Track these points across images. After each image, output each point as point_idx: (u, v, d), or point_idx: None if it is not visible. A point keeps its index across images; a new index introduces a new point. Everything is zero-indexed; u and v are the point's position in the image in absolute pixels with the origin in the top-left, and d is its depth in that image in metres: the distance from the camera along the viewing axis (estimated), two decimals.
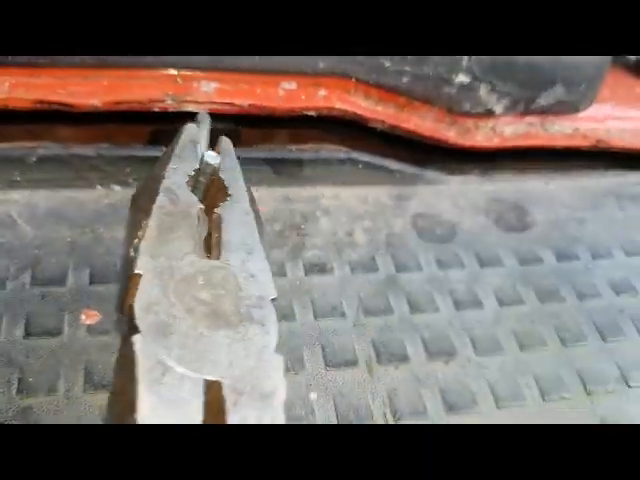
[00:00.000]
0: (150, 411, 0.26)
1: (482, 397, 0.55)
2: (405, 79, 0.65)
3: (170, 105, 0.59)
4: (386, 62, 0.63)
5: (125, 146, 0.62)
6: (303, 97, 0.63)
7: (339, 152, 0.68)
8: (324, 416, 0.51)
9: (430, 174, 0.73)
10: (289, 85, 0.62)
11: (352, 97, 0.65)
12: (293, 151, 0.66)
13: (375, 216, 0.68)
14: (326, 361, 0.54)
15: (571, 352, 0.60)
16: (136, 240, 0.34)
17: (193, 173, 0.40)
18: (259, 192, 0.66)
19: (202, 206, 0.39)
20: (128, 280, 0.32)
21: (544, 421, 0.54)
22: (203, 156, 0.41)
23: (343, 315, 0.58)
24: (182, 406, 0.27)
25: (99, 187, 0.62)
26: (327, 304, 0.58)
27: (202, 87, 0.60)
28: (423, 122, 0.70)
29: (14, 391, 0.48)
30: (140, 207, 0.38)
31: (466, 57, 0.65)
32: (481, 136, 0.73)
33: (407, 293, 0.61)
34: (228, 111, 0.60)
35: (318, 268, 0.61)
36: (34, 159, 0.59)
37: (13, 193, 0.60)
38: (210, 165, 0.40)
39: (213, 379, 0.29)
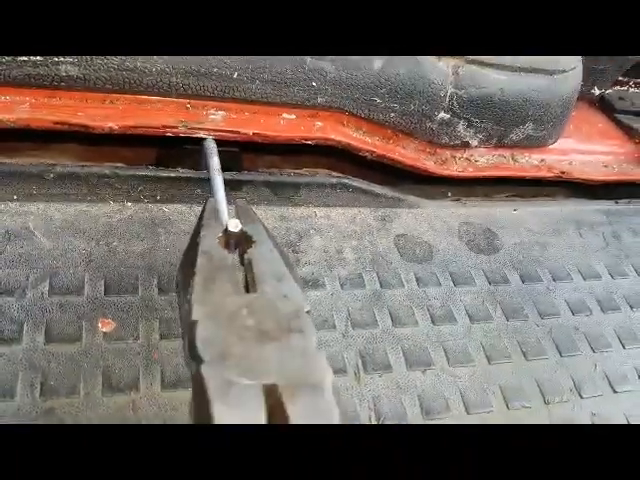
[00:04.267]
0: (222, 416, 0.32)
1: (454, 403, 0.62)
2: (392, 114, 0.72)
3: (181, 131, 0.64)
4: (377, 99, 0.70)
5: (138, 166, 0.67)
6: (302, 127, 0.69)
7: (332, 177, 0.74)
8: None
9: (411, 199, 0.80)
10: (289, 116, 0.68)
11: (345, 129, 0.72)
12: (291, 175, 0.72)
13: (362, 236, 0.74)
14: None
15: (532, 365, 0.68)
16: (188, 296, 0.41)
17: (221, 235, 0.46)
18: (259, 211, 0.72)
19: (235, 256, 0.45)
20: (188, 328, 0.38)
21: None
22: (227, 225, 0.46)
23: (333, 327, 0.64)
24: (247, 408, 0.33)
25: (112, 203, 0.66)
26: (319, 317, 0.64)
27: (210, 115, 0.66)
28: (406, 152, 0.77)
29: (37, 393, 0.52)
30: (186, 272, 0.44)
31: (448, 96, 0.72)
32: (457, 166, 0.80)
33: (390, 308, 0.68)
34: (234, 138, 0.66)
35: (311, 283, 0.67)
36: (52, 175, 0.64)
37: (30, 205, 0.65)
38: (234, 233, 0.46)
39: (269, 382, 0.35)
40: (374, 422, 0.58)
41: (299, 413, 0.34)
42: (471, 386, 0.64)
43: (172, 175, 0.67)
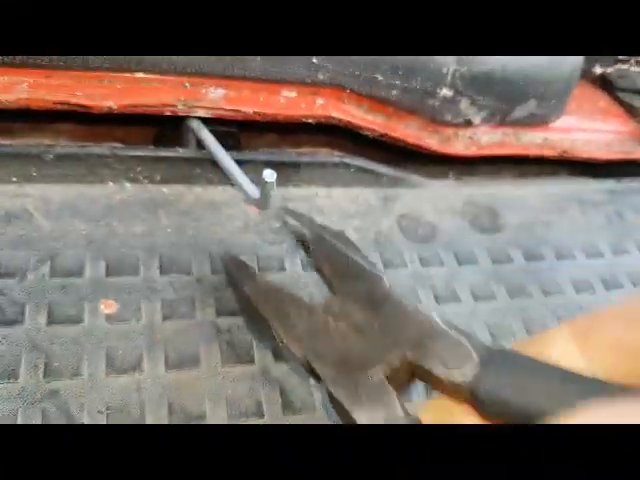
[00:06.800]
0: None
1: None
2: (394, 91, 0.71)
3: (180, 110, 0.64)
4: (378, 76, 0.69)
5: (136, 146, 0.66)
6: (303, 105, 0.68)
7: (333, 156, 0.73)
8: (317, 399, 0.56)
9: (413, 178, 0.79)
10: (290, 94, 0.68)
11: (346, 106, 0.71)
12: (292, 155, 0.71)
13: (364, 216, 0.74)
14: None
15: None
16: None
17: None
18: None
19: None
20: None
21: None
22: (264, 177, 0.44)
23: None
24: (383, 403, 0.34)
25: (111, 183, 0.66)
26: (322, 298, 0.64)
27: (210, 93, 0.65)
28: (408, 130, 0.76)
29: (41, 375, 0.51)
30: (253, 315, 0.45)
31: (450, 73, 0.72)
32: (460, 144, 0.80)
33: (394, 288, 0.67)
34: (234, 117, 0.65)
35: None
36: (51, 156, 0.63)
37: (28, 187, 0.64)
38: (271, 182, 0.44)
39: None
40: None
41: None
42: None
43: (170, 155, 0.66)
